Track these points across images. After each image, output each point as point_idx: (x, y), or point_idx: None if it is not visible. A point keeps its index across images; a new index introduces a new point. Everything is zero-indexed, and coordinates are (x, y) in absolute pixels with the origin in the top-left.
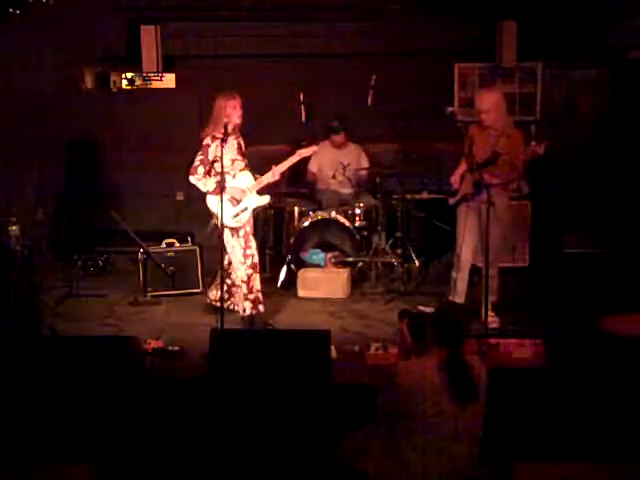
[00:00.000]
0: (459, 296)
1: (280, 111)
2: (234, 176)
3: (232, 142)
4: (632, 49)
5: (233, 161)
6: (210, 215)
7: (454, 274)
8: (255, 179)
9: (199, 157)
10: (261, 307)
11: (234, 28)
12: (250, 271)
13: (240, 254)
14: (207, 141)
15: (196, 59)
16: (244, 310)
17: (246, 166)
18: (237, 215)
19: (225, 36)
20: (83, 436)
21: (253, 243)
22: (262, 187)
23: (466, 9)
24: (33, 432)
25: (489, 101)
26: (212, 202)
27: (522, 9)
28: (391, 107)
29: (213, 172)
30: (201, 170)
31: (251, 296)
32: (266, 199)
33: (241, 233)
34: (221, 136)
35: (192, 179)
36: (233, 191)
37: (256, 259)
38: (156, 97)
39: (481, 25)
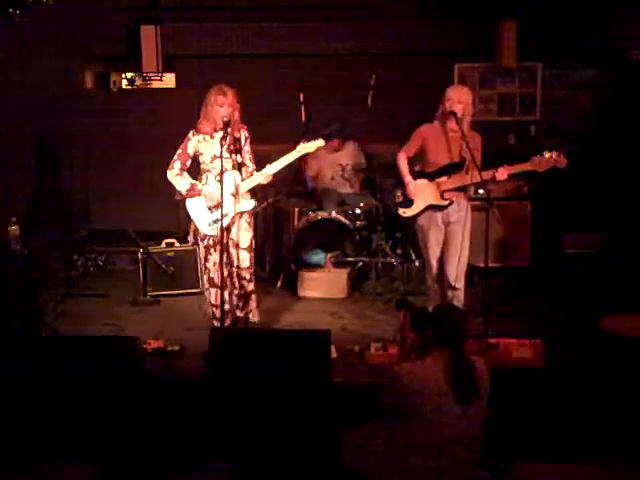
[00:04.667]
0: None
1: (280, 111)
2: (217, 176)
3: (217, 137)
4: (632, 49)
5: (214, 158)
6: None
7: (432, 284)
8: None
9: (178, 151)
10: (215, 322)
11: (234, 28)
12: (207, 285)
13: (201, 264)
14: (189, 134)
15: (196, 59)
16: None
17: (237, 164)
18: (215, 222)
19: (225, 36)
20: (83, 436)
21: (212, 257)
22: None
23: (466, 9)
24: (33, 432)
25: (467, 95)
26: (190, 205)
27: (522, 9)
28: (391, 107)
29: (201, 168)
30: (177, 165)
31: (211, 308)
32: (250, 204)
33: (204, 243)
34: (208, 131)
35: (169, 175)
36: (210, 196)
37: (212, 274)
38: (156, 97)
39: (481, 25)
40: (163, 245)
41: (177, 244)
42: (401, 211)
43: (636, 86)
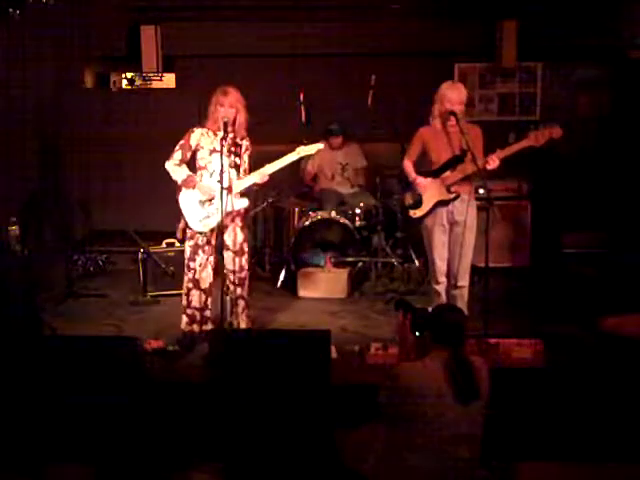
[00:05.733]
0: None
1: (280, 111)
2: (212, 174)
3: (219, 135)
4: (632, 49)
5: (212, 152)
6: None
7: (436, 286)
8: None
9: (180, 142)
10: (195, 326)
11: (234, 28)
12: (190, 285)
13: (184, 263)
14: (193, 128)
15: (196, 59)
16: (182, 323)
17: (235, 164)
18: (206, 218)
19: (225, 36)
20: (82, 436)
21: (200, 257)
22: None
23: (466, 9)
24: (33, 432)
25: (465, 94)
26: (183, 199)
27: (522, 9)
28: (391, 107)
29: (197, 165)
30: (178, 156)
31: (189, 311)
32: (243, 203)
33: (191, 242)
34: (212, 128)
35: (167, 164)
36: (204, 190)
37: (198, 275)
38: (156, 97)
39: (481, 25)
40: (163, 245)
41: (177, 244)
42: (412, 213)
43: (636, 86)
